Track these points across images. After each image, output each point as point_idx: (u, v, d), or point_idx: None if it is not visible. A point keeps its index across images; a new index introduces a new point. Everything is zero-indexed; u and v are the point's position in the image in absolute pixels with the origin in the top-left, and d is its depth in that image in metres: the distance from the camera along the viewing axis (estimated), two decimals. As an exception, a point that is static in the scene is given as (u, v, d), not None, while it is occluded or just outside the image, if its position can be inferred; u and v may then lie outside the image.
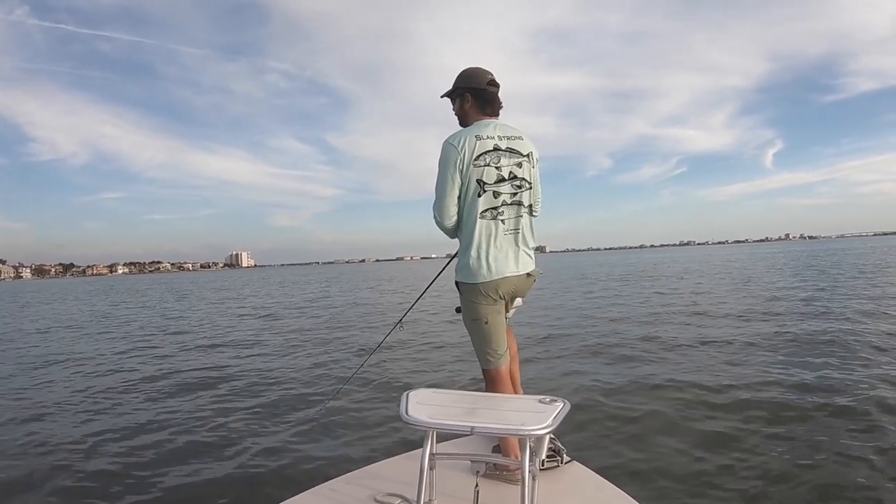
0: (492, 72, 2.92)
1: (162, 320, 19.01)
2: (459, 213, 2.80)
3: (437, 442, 2.35)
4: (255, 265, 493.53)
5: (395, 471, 2.89)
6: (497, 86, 2.90)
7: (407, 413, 2.19)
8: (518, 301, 2.96)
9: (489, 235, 2.75)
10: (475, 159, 2.70)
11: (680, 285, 22.75)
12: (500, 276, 2.75)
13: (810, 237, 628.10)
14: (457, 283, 2.86)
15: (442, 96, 3.00)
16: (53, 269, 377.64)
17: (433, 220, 2.87)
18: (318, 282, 51.75)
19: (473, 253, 2.75)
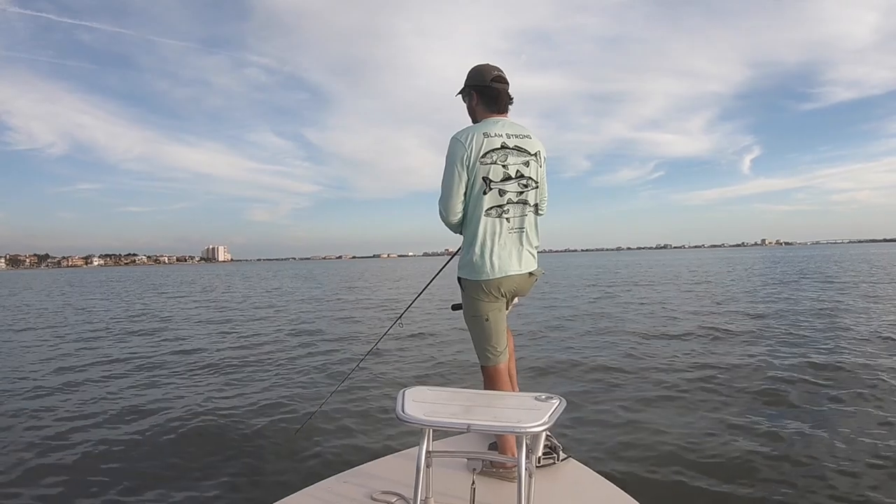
0: (500, 68, 2.90)
1: (143, 315, 18.69)
2: (465, 210, 2.80)
3: (433, 439, 2.35)
4: (232, 259, 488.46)
5: (391, 469, 2.89)
6: (504, 82, 2.87)
7: (403, 411, 2.19)
8: (516, 300, 2.97)
9: (493, 233, 2.75)
10: (482, 157, 2.69)
11: (665, 290, 22.92)
12: (504, 275, 2.75)
13: (786, 243, 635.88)
14: (459, 279, 2.85)
15: (456, 95, 2.98)
16: (28, 260, 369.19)
17: (438, 216, 2.86)
18: (301, 277, 51.38)
19: (477, 250, 2.74)
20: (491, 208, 2.74)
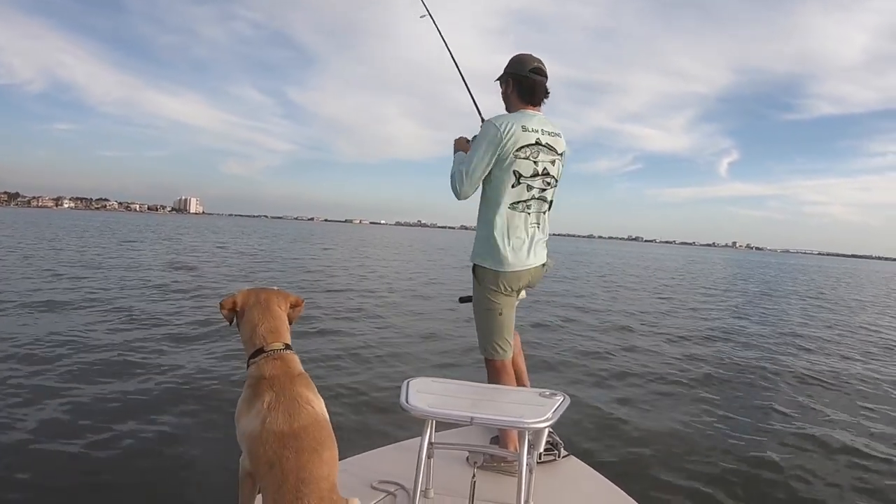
0: (541, 60, 2.89)
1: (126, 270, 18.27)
2: (491, 200, 2.80)
3: (435, 431, 2.35)
4: (204, 212, 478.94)
5: (391, 459, 2.89)
6: (542, 75, 2.87)
7: (407, 401, 2.20)
8: (523, 293, 3.00)
9: (515, 226, 2.78)
10: (517, 150, 2.70)
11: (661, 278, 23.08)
12: (522, 268, 2.79)
13: (756, 248, 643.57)
14: (475, 267, 2.86)
15: (495, 80, 2.96)
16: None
17: (451, 182, 2.81)
18: (301, 240, 50.69)
19: (499, 242, 2.76)
20: (517, 202, 2.77)
